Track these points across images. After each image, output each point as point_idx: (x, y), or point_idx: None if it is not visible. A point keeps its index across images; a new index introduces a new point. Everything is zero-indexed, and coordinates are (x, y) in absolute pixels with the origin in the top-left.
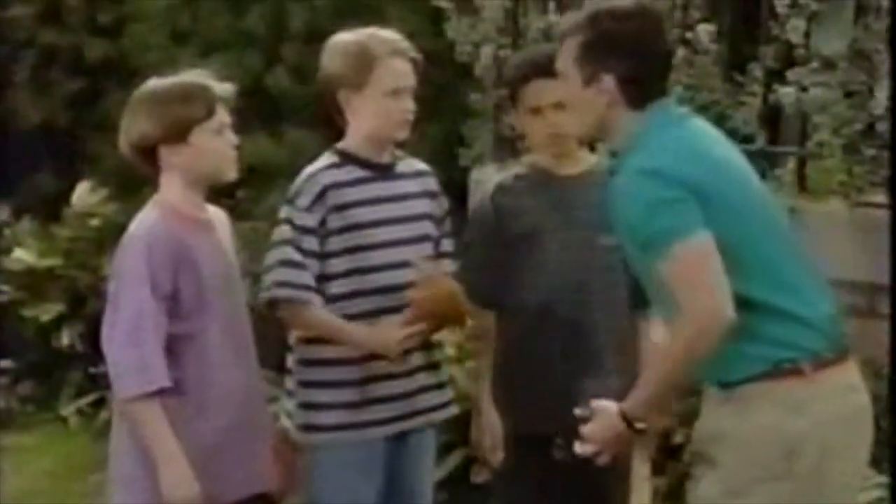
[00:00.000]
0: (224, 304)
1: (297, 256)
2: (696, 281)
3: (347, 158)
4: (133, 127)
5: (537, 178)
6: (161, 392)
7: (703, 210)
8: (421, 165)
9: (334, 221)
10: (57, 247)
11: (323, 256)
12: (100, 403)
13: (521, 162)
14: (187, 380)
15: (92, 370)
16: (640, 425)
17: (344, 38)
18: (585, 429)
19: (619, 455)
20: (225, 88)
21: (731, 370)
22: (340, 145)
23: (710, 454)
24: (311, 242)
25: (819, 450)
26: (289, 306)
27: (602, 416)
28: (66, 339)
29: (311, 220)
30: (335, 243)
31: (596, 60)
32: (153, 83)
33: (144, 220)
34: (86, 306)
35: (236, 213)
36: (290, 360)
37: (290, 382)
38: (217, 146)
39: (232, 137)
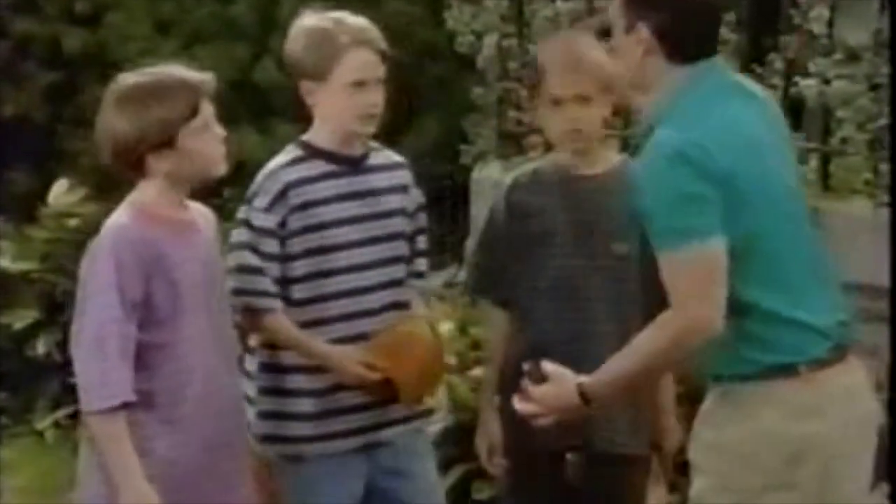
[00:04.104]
0: (205, 310)
1: (255, 261)
2: (699, 287)
3: (313, 152)
4: (111, 130)
5: (555, 175)
6: (126, 406)
7: (722, 201)
8: (396, 157)
9: (296, 222)
10: (33, 249)
11: (284, 259)
12: (78, 416)
13: (541, 158)
14: (159, 392)
15: (70, 381)
16: (595, 405)
17: (307, 22)
18: (535, 390)
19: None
20: (206, 80)
21: (721, 365)
22: (305, 137)
23: (709, 463)
24: (270, 245)
25: (824, 456)
26: (247, 313)
27: (558, 384)
28: (41, 347)
29: (269, 222)
30: (296, 245)
31: (634, 8)
32: (130, 80)
33: (114, 223)
34: (63, 313)
35: (223, 213)
36: (251, 365)
37: (250, 389)
38: (205, 144)
39: (219, 130)
